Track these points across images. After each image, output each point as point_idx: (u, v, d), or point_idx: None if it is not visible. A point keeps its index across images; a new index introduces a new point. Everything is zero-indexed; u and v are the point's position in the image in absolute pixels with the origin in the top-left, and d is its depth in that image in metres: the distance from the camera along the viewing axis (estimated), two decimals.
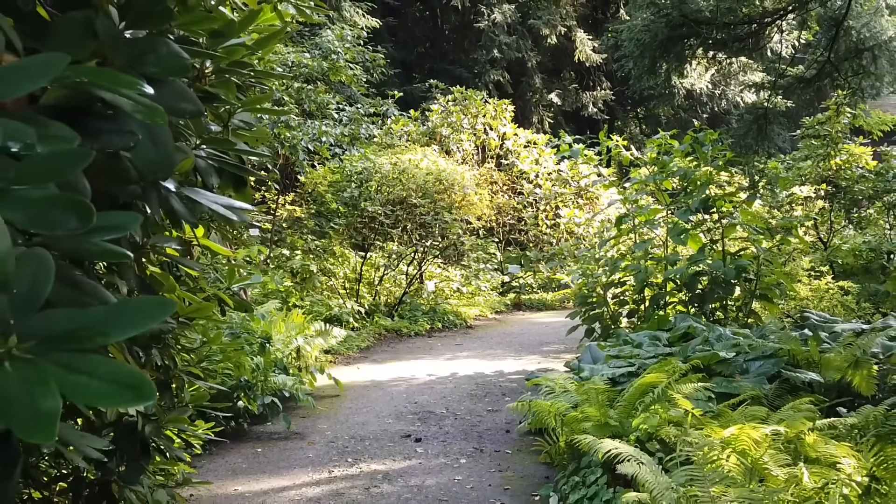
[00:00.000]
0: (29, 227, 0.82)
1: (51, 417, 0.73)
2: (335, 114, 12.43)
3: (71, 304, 1.04)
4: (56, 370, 0.77)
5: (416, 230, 13.07)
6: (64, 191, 0.86)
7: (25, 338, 0.80)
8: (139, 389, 0.80)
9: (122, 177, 1.28)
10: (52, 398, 0.74)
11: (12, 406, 0.74)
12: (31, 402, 0.74)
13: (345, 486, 5.45)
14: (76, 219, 0.82)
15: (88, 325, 0.82)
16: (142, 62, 1.19)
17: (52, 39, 1.11)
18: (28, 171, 0.82)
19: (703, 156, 8.54)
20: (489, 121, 16.47)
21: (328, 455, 6.15)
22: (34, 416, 0.73)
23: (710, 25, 7.46)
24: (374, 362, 10.13)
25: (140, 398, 0.80)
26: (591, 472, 5.04)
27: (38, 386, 0.75)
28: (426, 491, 5.32)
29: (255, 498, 5.24)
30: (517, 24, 22.12)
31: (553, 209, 16.93)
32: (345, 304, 11.51)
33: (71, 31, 1.12)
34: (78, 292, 1.07)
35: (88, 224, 0.82)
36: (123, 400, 0.79)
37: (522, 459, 6.04)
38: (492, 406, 7.66)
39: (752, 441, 4.28)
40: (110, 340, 0.82)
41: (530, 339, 11.96)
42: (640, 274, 8.47)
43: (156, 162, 1.20)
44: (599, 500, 4.78)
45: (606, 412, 5.39)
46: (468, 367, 9.63)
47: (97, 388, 0.78)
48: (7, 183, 0.80)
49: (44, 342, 0.80)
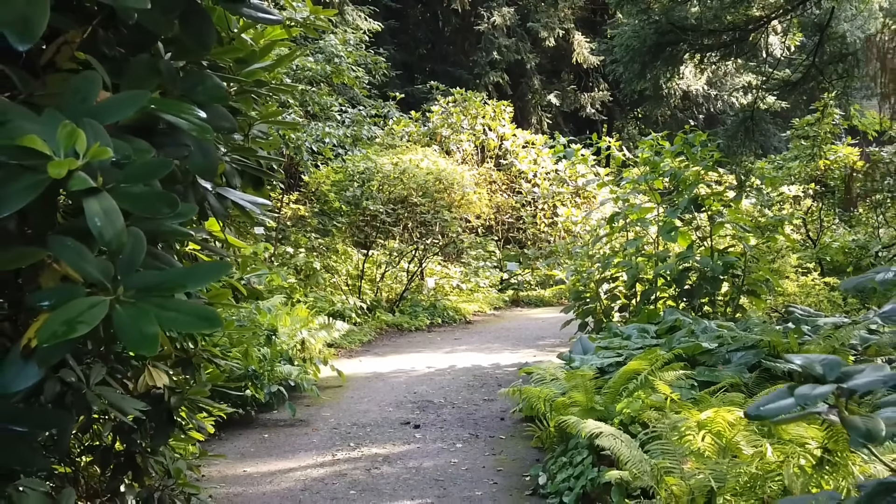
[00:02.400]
0: (135, 212, 1.18)
1: (153, 338, 1.09)
2: (338, 115, 12.80)
3: (151, 267, 1.40)
4: (154, 309, 1.13)
5: (416, 228, 13.43)
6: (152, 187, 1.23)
7: (128, 289, 1.16)
8: (212, 320, 1.16)
9: (172, 178, 1.64)
10: (153, 326, 1.10)
11: (126, 332, 1.10)
12: (138, 329, 1.10)
13: (347, 467, 5.80)
14: (167, 207, 1.18)
15: (172, 280, 1.18)
16: (193, 92, 1.55)
17: (127, 76, 1.47)
18: (130, 175, 1.18)
19: (692, 156, 8.88)
20: (488, 122, 16.84)
21: (331, 440, 6.50)
22: (141, 337, 1.09)
23: (697, 32, 7.79)
24: (376, 355, 10.49)
25: (213, 325, 1.16)
26: (577, 453, 5.38)
27: (141, 318, 1.11)
28: (424, 472, 5.67)
29: (264, 478, 5.59)
30: (516, 27, 22.49)
31: (551, 208, 17.30)
32: (347, 300, 11.87)
33: (141, 70, 1.48)
34: (155, 260, 1.44)
35: (174, 211, 1.17)
36: (202, 327, 1.15)
37: (515, 444, 6.38)
38: (488, 396, 8.01)
39: (726, 423, 4.60)
40: (188, 290, 1.18)
41: (527, 333, 12.31)
42: (632, 270, 8.83)
43: (205, 167, 1.57)
44: (585, 479, 5.13)
45: (593, 398, 5.74)
46: (466, 360, 9.99)
47: (184, 319, 1.14)
48: (117, 183, 1.17)
49: (142, 291, 1.16)
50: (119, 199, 1.14)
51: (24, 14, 1.12)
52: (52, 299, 1.17)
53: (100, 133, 1.15)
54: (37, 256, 1.23)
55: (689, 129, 9.30)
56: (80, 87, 1.25)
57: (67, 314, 1.10)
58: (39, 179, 1.10)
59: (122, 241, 1.12)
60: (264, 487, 5.40)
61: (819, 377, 1.35)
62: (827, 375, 1.34)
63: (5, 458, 1.44)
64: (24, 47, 1.12)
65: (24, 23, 1.12)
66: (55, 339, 1.08)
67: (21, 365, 1.23)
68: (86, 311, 1.10)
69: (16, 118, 1.14)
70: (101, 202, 1.12)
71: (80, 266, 1.18)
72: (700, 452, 4.31)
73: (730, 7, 7.72)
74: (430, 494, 5.21)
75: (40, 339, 1.07)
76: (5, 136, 1.09)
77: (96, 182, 1.12)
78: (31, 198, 1.09)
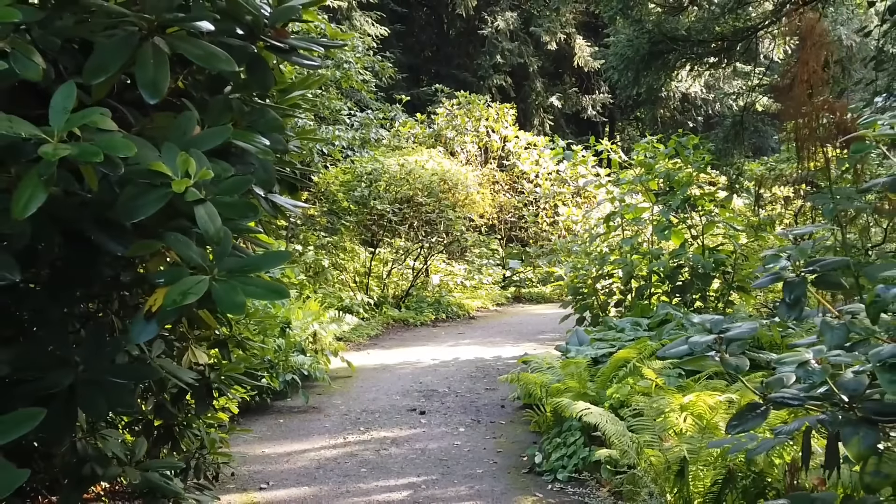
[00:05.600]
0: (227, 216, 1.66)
1: (242, 305, 1.57)
2: (347, 119, 13.29)
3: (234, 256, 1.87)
4: (240, 284, 1.61)
5: (421, 227, 13.92)
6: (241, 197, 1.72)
7: (221, 270, 1.64)
8: (281, 292, 1.64)
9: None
10: (240, 296, 1.58)
11: (222, 301, 1.58)
12: (231, 298, 1.58)
13: (358, 448, 6.28)
14: (250, 212, 1.65)
15: (252, 264, 1.66)
16: (257, 124, 2.03)
17: (208, 112, 1.95)
18: (224, 189, 1.66)
19: (685, 159, 9.32)
20: (491, 124, 17.32)
21: (342, 425, 6.97)
22: (233, 304, 1.57)
23: (687, 42, 8.24)
24: (383, 348, 10.97)
25: (282, 296, 1.63)
26: (571, 435, 5.85)
27: (232, 291, 1.59)
28: (429, 453, 6.15)
29: (281, 458, 6.07)
30: (519, 31, 22.97)
31: (552, 208, 17.78)
32: (355, 296, 12.36)
33: (218, 108, 1.96)
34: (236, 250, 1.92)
35: (256, 216, 1.65)
36: (274, 297, 1.63)
37: (515, 428, 6.85)
38: (489, 386, 8.47)
39: (707, 406, 5.05)
40: (262, 270, 1.66)
41: (528, 328, 12.78)
42: (627, 267, 9.27)
43: (265, 180, 2.05)
44: (577, 457, 5.61)
45: (586, 384, 6.21)
46: (469, 353, 10.46)
47: (261, 292, 1.62)
48: (214, 195, 1.64)
49: (231, 272, 1.64)
50: (217, 207, 1.61)
51: (154, 78, 1.60)
52: (165, 278, 1.65)
53: (202, 159, 1.62)
54: (155, 247, 1.71)
55: (682, 133, 9.74)
56: (182, 123, 1.72)
57: (182, 287, 1.57)
58: (164, 193, 1.57)
59: (221, 236, 1.59)
60: (282, 466, 5.87)
61: (708, 331, 1.81)
62: (713, 329, 1.80)
63: (117, 402, 1.92)
64: (153, 101, 1.60)
65: (154, 85, 1.60)
66: (174, 304, 1.55)
67: (144, 324, 1.70)
68: (194, 285, 1.58)
69: (142, 149, 1.61)
70: (206, 209, 1.60)
71: (186, 254, 1.65)
72: (681, 431, 4.77)
73: (719, 18, 8.16)
74: (435, 472, 5.68)
75: (165, 303, 1.54)
76: (141, 163, 1.57)
77: (202, 195, 1.60)
78: (159, 206, 1.57)
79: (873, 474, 1.52)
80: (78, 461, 2.51)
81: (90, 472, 2.50)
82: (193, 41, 1.71)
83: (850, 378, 1.57)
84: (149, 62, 1.62)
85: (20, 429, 1.45)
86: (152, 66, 1.62)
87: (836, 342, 1.65)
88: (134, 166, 1.61)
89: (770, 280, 1.85)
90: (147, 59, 1.63)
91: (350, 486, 5.37)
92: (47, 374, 1.91)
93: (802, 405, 1.66)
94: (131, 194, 1.60)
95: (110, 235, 1.75)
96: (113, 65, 1.61)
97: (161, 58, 1.65)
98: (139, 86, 1.61)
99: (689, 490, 4.25)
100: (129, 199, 1.60)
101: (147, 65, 1.62)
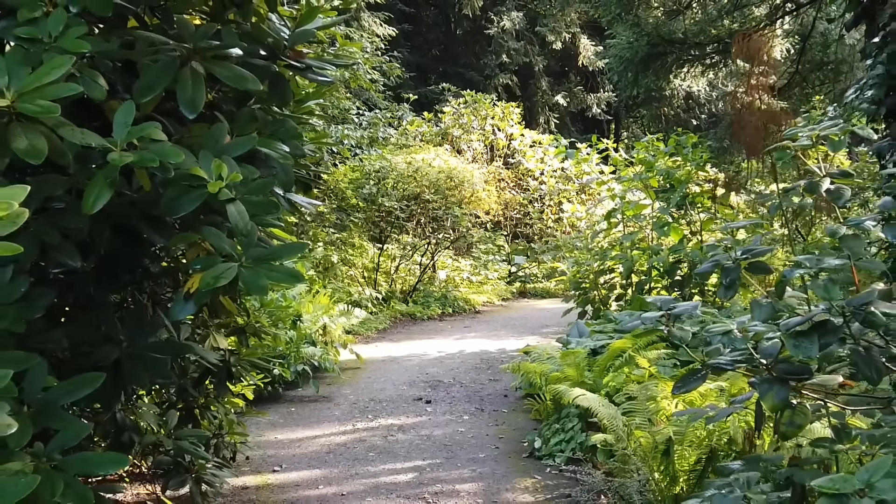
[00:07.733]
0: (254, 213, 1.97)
1: (265, 288, 1.89)
2: (355, 118, 13.60)
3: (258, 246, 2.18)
4: (264, 271, 1.91)
5: (428, 224, 14.22)
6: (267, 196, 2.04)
7: (248, 258, 1.95)
8: (300, 277, 1.95)
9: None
10: (264, 280, 1.90)
11: (249, 284, 1.89)
12: (256, 282, 1.89)
13: (366, 434, 6.59)
14: (274, 209, 1.96)
15: (275, 253, 1.97)
16: (277, 132, 2.34)
17: (236, 123, 2.26)
18: (251, 190, 1.97)
19: (684, 157, 9.59)
20: (497, 122, 17.60)
21: (351, 413, 7.28)
22: (258, 287, 1.88)
23: (685, 44, 8.51)
24: (390, 341, 11.29)
25: (300, 280, 1.94)
26: (569, 421, 6.15)
27: (258, 276, 1.90)
28: (434, 439, 6.46)
29: (293, 443, 6.39)
30: (525, 31, 23.25)
31: (557, 204, 18.05)
32: (363, 291, 12.68)
33: (244, 118, 2.27)
34: (261, 241, 2.24)
35: (278, 213, 1.95)
36: (293, 282, 1.93)
37: (516, 417, 7.15)
38: (493, 377, 8.77)
39: (698, 392, 5.34)
40: (283, 259, 1.97)
41: (532, 322, 13.05)
42: (627, 262, 9.53)
43: (285, 182, 2.36)
44: (575, 442, 5.91)
45: (583, 373, 6.51)
46: (474, 346, 10.76)
47: (283, 277, 1.93)
48: (243, 195, 1.95)
49: (256, 260, 1.95)
50: (246, 205, 1.92)
51: (192, 97, 1.92)
52: (201, 264, 1.96)
53: (232, 164, 1.93)
54: (193, 238, 2.03)
55: (681, 132, 10.00)
56: (216, 133, 2.04)
57: (215, 272, 1.88)
58: (201, 193, 1.88)
59: (248, 230, 1.90)
60: (294, 451, 6.19)
61: (658, 308, 2.10)
62: (662, 307, 2.10)
63: (157, 373, 2.24)
64: (191, 116, 1.91)
65: (192, 103, 1.91)
66: (209, 286, 1.86)
67: (184, 304, 2.01)
68: (225, 270, 1.89)
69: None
70: (237, 207, 1.91)
71: (219, 244, 1.96)
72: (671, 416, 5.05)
73: (714, 22, 8.42)
74: (440, 456, 5.98)
75: (201, 285, 1.85)
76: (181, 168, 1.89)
77: (233, 194, 1.90)
78: (197, 204, 1.88)
79: (788, 424, 1.83)
80: (117, 430, 2.83)
81: (128, 439, 2.83)
82: (225, 64, 2.02)
83: (767, 345, 1.87)
84: (188, 83, 1.93)
85: (84, 389, 1.76)
86: (191, 87, 1.93)
87: (764, 317, 1.96)
88: (175, 170, 1.92)
89: (711, 267, 2.15)
90: (186, 81, 1.94)
91: (359, 469, 5.68)
92: (97, 349, 2.23)
93: (733, 368, 1.97)
94: (174, 194, 1.91)
95: (155, 229, 2.06)
96: (159, 85, 1.92)
97: (198, 79, 1.96)
98: (180, 104, 1.93)
99: (675, 468, 4.55)
100: (172, 198, 1.91)
101: (186, 85, 1.93)
